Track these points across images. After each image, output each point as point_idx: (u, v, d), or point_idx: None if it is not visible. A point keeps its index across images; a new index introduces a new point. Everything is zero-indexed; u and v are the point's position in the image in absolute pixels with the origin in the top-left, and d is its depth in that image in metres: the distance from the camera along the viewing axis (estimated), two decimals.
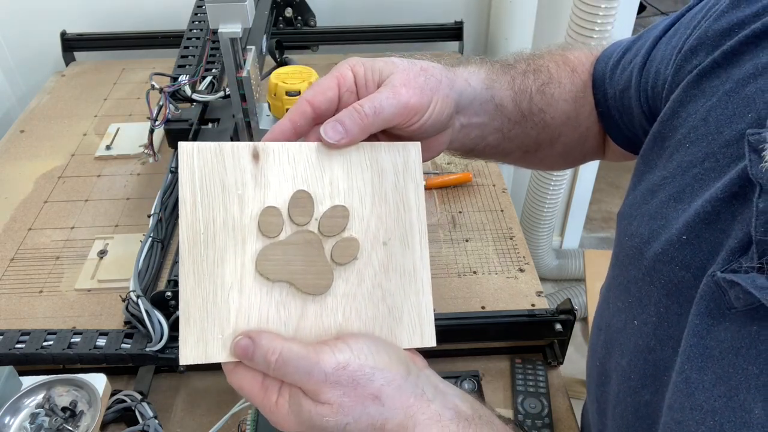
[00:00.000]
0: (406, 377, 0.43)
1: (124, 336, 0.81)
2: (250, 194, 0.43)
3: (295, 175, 0.44)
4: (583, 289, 1.69)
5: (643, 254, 0.46)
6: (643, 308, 0.46)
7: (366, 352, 0.42)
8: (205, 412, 0.81)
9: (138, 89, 1.44)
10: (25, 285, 0.96)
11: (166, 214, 0.97)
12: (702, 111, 0.45)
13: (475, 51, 1.74)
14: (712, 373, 0.38)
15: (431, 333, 0.46)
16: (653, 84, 0.53)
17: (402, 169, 0.46)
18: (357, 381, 0.41)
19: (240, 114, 0.96)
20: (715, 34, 0.45)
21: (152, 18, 1.58)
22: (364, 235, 0.45)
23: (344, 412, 0.41)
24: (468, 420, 0.43)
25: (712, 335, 0.38)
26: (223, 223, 0.43)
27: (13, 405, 0.74)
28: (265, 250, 0.43)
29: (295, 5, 1.55)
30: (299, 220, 0.44)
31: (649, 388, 0.45)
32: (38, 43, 1.60)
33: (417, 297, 0.46)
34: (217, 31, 0.86)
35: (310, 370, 0.40)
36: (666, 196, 0.45)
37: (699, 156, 0.44)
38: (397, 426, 0.42)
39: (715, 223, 0.40)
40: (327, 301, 0.44)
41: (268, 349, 0.41)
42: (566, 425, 0.79)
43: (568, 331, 0.84)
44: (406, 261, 0.45)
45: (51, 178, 1.18)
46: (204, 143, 0.43)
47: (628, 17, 1.57)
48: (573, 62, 0.63)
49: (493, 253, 1.02)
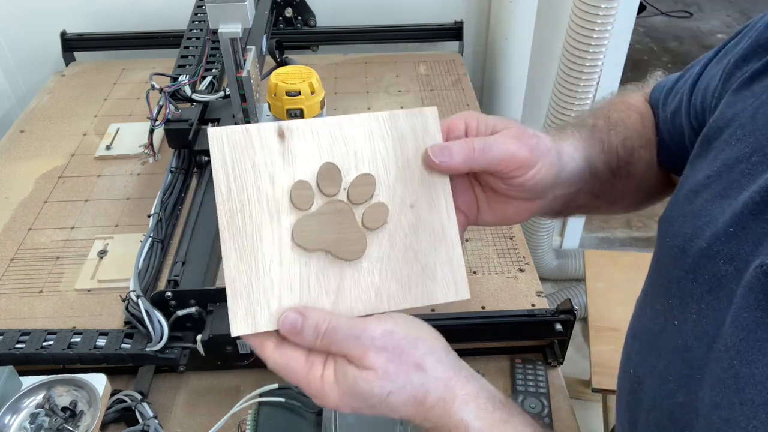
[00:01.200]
0: (446, 352, 0.45)
1: (124, 336, 0.81)
2: (280, 171, 0.45)
3: (321, 149, 0.46)
4: (583, 289, 1.69)
5: (686, 252, 0.45)
6: (685, 307, 0.45)
7: (409, 324, 0.44)
8: (205, 412, 0.81)
9: (138, 89, 1.44)
10: (25, 285, 0.96)
11: (166, 214, 0.97)
12: (750, 109, 0.45)
13: (475, 51, 1.74)
14: (762, 365, 0.37)
15: (464, 286, 0.48)
16: (702, 98, 0.54)
17: (422, 133, 0.48)
18: (402, 348, 0.42)
19: (240, 114, 0.96)
20: (766, 41, 0.46)
21: (152, 18, 1.58)
22: (392, 200, 0.47)
23: (389, 378, 0.42)
24: (503, 403, 0.44)
25: (762, 327, 0.37)
26: (257, 201, 0.45)
27: (13, 405, 0.74)
28: (300, 222, 0.45)
29: (295, 5, 1.55)
30: (329, 191, 0.46)
31: (683, 389, 0.44)
32: (38, 43, 1.60)
33: (447, 253, 0.48)
34: (217, 31, 0.86)
35: (359, 335, 0.42)
36: (711, 195, 0.45)
37: (746, 152, 0.43)
38: (437, 399, 0.43)
39: (763, 213, 0.40)
40: (363, 265, 0.46)
41: (318, 320, 0.42)
42: (566, 425, 0.79)
43: (568, 331, 0.84)
44: (434, 220, 0.47)
45: (51, 178, 1.18)
46: (231, 127, 0.45)
47: (628, 17, 1.57)
48: (637, 106, 0.64)
49: (493, 253, 1.02)
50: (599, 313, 1.49)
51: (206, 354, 0.79)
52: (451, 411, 0.42)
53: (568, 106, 1.46)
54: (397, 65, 1.54)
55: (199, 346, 0.78)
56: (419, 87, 1.46)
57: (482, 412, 0.43)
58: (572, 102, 1.45)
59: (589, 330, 1.47)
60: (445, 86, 1.46)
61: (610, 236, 2.32)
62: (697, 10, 3.84)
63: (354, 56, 1.57)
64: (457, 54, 1.59)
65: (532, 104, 1.72)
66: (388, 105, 1.40)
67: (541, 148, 0.49)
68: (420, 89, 1.45)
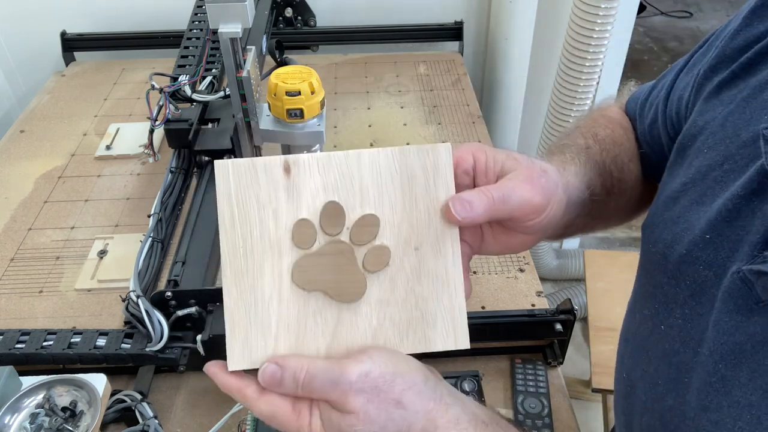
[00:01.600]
0: (425, 382, 0.44)
1: (124, 336, 0.81)
2: (284, 207, 0.45)
3: (326, 185, 0.45)
4: (583, 289, 1.69)
5: (667, 258, 0.46)
6: (669, 312, 0.46)
7: (386, 360, 0.43)
8: (205, 412, 0.81)
9: (138, 89, 1.44)
10: (25, 285, 0.96)
11: (166, 214, 0.97)
12: (720, 118, 0.46)
13: (475, 51, 1.74)
14: (746, 368, 0.38)
15: (464, 336, 0.46)
16: (677, 108, 0.55)
17: (432, 173, 0.46)
18: (379, 387, 0.42)
19: (240, 114, 0.96)
20: (732, 52, 0.47)
21: (152, 18, 1.58)
22: (396, 242, 0.46)
23: (370, 420, 0.42)
24: (486, 423, 0.44)
25: (741, 331, 0.39)
26: (259, 237, 0.44)
27: (13, 405, 0.74)
28: (300, 262, 0.45)
29: (295, 5, 1.55)
30: (331, 230, 0.45)
31: (672, 393, 0.45)
32: (38, 43, 1.60)
33: (450, 301, 0.46)
34: (217, 31, 0.86)
35: (336, 381, 0.42)
36: (688, 201, 0.46)
37: (718, 160, 0.44)
38: (419, 431, 0.43)
39: (736, 220, 0.41)
40: (361, 308, 0.45)
41: (295, 368, 0.42)
42: (566, 425, 0.79)
43: (568, 331, 0.84)
44: (438, 265, 0.46)
45: (51, 178, 1.18)
46: (238, 160, 0.45)
47: (628, 17, 1.57)
48: (619, 120, 0.65)
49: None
50: (599, 313, 1.49)
51: (206, 354, 0.79)
52: None
53: (568, 106, 1.47)
54: (397, 65, 1.54)
55: (199, 346, 0.78)
56: (419, 87, 1.46)
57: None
58: (572, 102, 1.45)
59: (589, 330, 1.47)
60: (445, 86, 1.46)
61: (610, 236, 2.32)
62: (697, 10, 3.84)
63: (354, 56, 1.57)
64: (457, 54, 1.59)
65: (532, 104, 1.72)
66: (388, 105, 1.40)
67: (550, 188, 0.49)
68: (420, 89, 1.45)
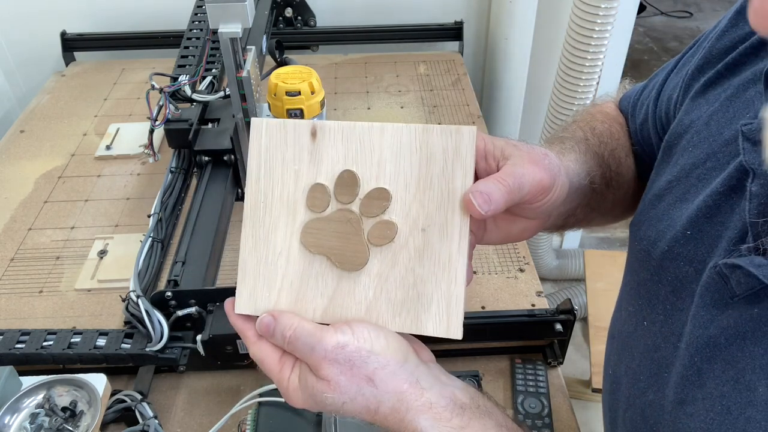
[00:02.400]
0: (401, 364, 0.44)
1: (124, 336, 0.81)
2: (305, 169, 0.46)
3: (347, 154, 0.46)
4: (583, 289, 1.69)
5: (650, 255, 0.47)
6: (652, 308, 0.47)
7: (366, 336, 0.44)
8: (205, 412, 0.81)
9: (138, 89, 1.44)
10: (25, 285, 0.96)
11: (166, 214, 0.97)
12: (705, 117, 0.46)
13: (475, 51, 1.74)
14: (720, 360, 0.39)
15: (458, 325, 0.46)
16: (666, 109, 0.55)
17: (452, 155, 0.45)
18: (353, 362, 0.43)
19: (240, 114, 0.96)
20: (719, 52, 0.48)
21: (152, 18, 1.58)
22: (404, 220, 0.46)
23: (340, 390, 0.43)
24: (463, 408, 0.44)
25: (716, 324, 0.39)
26: (279, 195, 0.46)
27: (13, 405, 0.74)
28: (309, 224, 0.46)
29: (295, 5, 1.55)
30: (343, 198, 0.46)
31: (653, 387, 0.46)
32: (38, 43, 1.60)
33: (448, 287, 0.45)
34: (217, 31, 0.86)
35: (314, 346, 0.43)
36: (672, 199, 0.47)
37: (701, 157, 0.45)
38: (389, 410, 0.43)
39: (716, 216, 0.41)
40: (361, 279, 0.46)
41: (285, 326, 0.45)
42: (566, 425, 0.79)
43: (568, 331, 0.84)
44: (443, 250, 0.45)
45: (51, 178, 1.18)
46: (272, 119, 0.47)
47: (628, 17, 1.57)
48: (615, 117, 0.65)
49: (493, 253, 1.02)
50: (599, 313, 1.49)
51: (206, 354, 0.79)
52: (404, 421, 0.43)
53: (568, 106, 1.47)
54: (397, 65, 1.54)
55: (199, 346, 0.78)
56: (419, 87, 1.46)
57: (438, 422, 0.43)
58: (572, 102, 1.45)
59: (589, 330, 1.47)
60: (444, 86, 1.46)
61: (610, 236, 2.32)
62: (697, 10, 3.84)
63: (354, 56, 1.57)
64: (457, 54, 1.59)
65: (532, 104, 1.72)
66: (388, 105, 1.40)
67: (553, 167, 0.49)
68: (420, 89, 1.45)
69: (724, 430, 0.37)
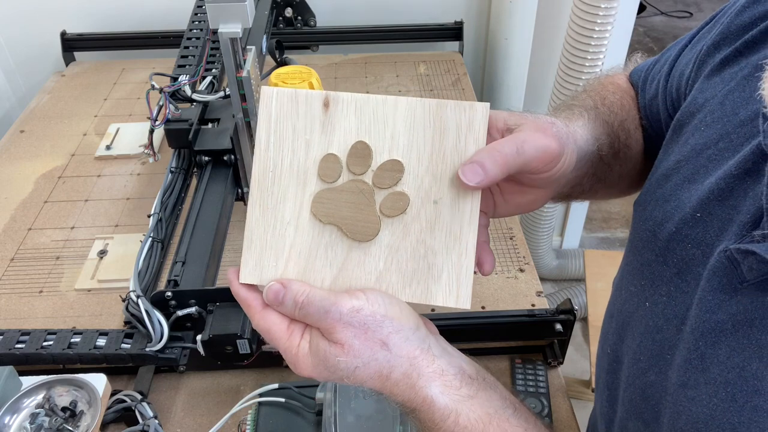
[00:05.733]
0: (414, 330, 0.45)
1: (124, 336, 0.81)
2: (316, 140, 0.46)
3: (360, 126, 0.46)
4: (583, 289, 1.69)
5: (656, 236, 0.46)
6: (655, 289, 0.46)
7: (380, 302, 0.44)
8: (205, 412, 0.81)
9: (138, 89, 1.44)
10: (25, 285, 0.96)
11: (166, 214, 0.97)
12: (720, 96, 0.45)
13: (475, 51, 1.74)
14: (726, 346, 0.38)
15: (467, 296, 0.46)
16: (678, 85, 0.54)
17: (465, 129, 0.46)
18: (367, 325, 0.43)
19: (240, 114, 0.96)
20: (737, 29, 0.46)
21: (152, 18, 1.58)
22: (416, 191, 0.46)
23: (354, 354, 0.43)
24: (471, 378, 0.45)
25: (723, 309, 0.39)
26: (289, 164, 0.46)
27: (13, 405, 0.74)
28: (320, 193, 0.46)
29: (295, 5, 1.55)
30: (356, 169, 0.46)
31: (654, 368, 0.45)
32: (38, 43, 1.60)
33: (459, 259, 0.46)
34: (217, 31, 0.86)
35: (328, 309, 0.43)
36: (680, 179, 0.46)
37: (713, 137, 0.44)
38: (402, 375, 0.43)
39: (728, 199, 0.41)
40: (371, 249, 0.46)
41: (297, 292, 0.44)
42: (566, 425, 0.79)
43: (568, 331, 0.84)
44: (454, 222, 0.46)
45: (51, 178, 1.18)
46: (282, 89, 0.47)
47: (628, 17, 1.57)
48: (626, 89, 0.64)
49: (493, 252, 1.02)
50: (599, 313, 1.49)
51: (206, 354, 0.79)
52: (416, 387, 0.43)
53: None
54: (397, 65, 1.54)
55: (199, 346, 0.78)
56: (419, 87, 1.46)
57: (448, 389, 0.43)
58: None
59: (589, 330, 1.47)
60: (444, 86, 1.46)
61: (610, 236, 2.32)
62: (697, 10, 3.84)
63: (354, 56, 1.57)
64: (457, 54, 1.59)
65: (532, 104, 1.72)
66: None
67: (562, 135, 0.48)
68: (420, 89, 1.45)
69: (729, 418, 0.37)
